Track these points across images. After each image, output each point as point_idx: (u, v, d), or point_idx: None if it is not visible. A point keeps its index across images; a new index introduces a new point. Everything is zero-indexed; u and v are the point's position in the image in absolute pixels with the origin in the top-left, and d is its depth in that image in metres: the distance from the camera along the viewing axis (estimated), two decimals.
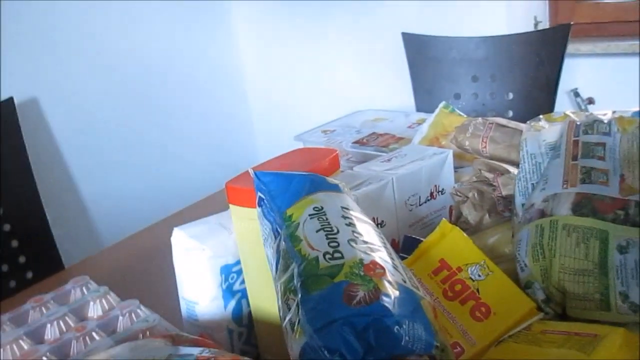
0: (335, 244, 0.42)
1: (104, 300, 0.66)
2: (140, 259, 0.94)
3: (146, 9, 2.06)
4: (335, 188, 0.50)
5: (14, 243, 1.30)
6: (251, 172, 0.53)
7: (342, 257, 0.41)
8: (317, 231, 0.44)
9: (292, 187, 0.50)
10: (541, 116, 0.62)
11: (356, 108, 1.34)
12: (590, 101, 1.95)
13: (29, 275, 1.33)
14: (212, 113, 2.34)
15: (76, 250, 1.73)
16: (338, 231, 0.44)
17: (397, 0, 1.94)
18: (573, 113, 0.61)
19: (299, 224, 0.46)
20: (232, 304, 0.63)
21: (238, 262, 0.62)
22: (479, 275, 0.53)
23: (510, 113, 1.45)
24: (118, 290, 0.69)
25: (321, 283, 0.40)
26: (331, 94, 2.22)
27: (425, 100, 1.51)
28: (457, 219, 0.65)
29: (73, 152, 1.87)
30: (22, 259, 1.32)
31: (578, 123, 0.59)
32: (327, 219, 0.45)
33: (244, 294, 0.63)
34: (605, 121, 0.58)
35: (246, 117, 2.50)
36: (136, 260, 0.93)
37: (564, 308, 0.51)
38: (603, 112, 0.61)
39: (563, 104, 1.94)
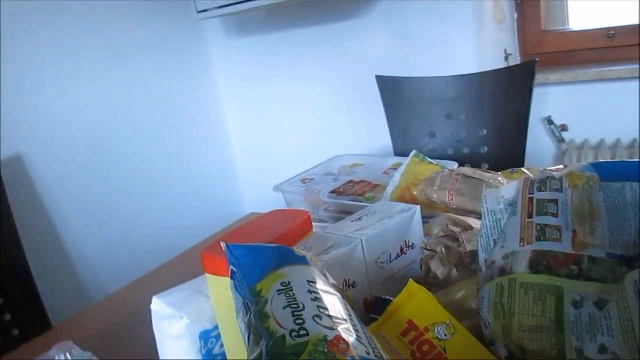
0: (301, 321, 0.45)
1: None
2: (124, 319, 0.95)
3: (127, 62, 2.09)
4: (302, 261, 0.52)
5: None
6: (223, 245, 0.56)
7: (308, 335, 0.44)
8: (284, 308, 0.46)
9: (261, 261, 0.52)
10: (499, 173, 0.65)
11: (338, 152, 1.38)
12: (564, 128, 2.00)
13: (15, 332, 1.33)
14: (197, 165, 2.37)
15: (63, 305, 1.73)
16: (304, 307, 0.46)
17: (372, 42, 2.00)
18: (528, 169, 0.64)
19: (267, 300, 0.48)
20: None
21: (216, 327, 0.65)
22: (445, 335, 0.55)
23: (485, 149, 1.48)
24: (103, 353, 0.70)
25: None
26: (313, 139, 2.26)
27: (402, 141, 1.54)
28: (427, 274, 0.67)
29: (57, 208, 1.88)
30: (7, 317, 1.32)
31: (533, 180, 0.62)
32: (294, 294, 0.47)
33: (224, 357, 0.66)
34: (557, 177, 0.61)
35: (231, 169, 2.53)
36: (120, 320, 0.95)
37: None
38: (556, 167, 0.64)
39: (538, 132, 1.99)
